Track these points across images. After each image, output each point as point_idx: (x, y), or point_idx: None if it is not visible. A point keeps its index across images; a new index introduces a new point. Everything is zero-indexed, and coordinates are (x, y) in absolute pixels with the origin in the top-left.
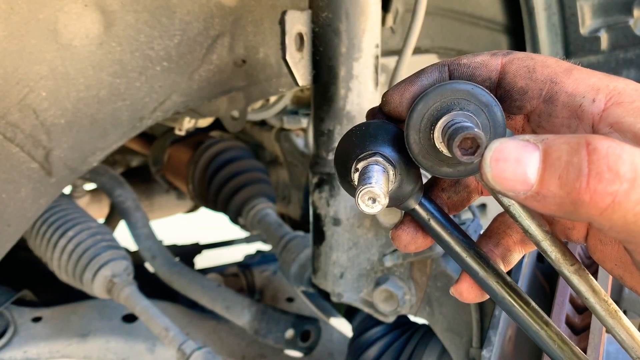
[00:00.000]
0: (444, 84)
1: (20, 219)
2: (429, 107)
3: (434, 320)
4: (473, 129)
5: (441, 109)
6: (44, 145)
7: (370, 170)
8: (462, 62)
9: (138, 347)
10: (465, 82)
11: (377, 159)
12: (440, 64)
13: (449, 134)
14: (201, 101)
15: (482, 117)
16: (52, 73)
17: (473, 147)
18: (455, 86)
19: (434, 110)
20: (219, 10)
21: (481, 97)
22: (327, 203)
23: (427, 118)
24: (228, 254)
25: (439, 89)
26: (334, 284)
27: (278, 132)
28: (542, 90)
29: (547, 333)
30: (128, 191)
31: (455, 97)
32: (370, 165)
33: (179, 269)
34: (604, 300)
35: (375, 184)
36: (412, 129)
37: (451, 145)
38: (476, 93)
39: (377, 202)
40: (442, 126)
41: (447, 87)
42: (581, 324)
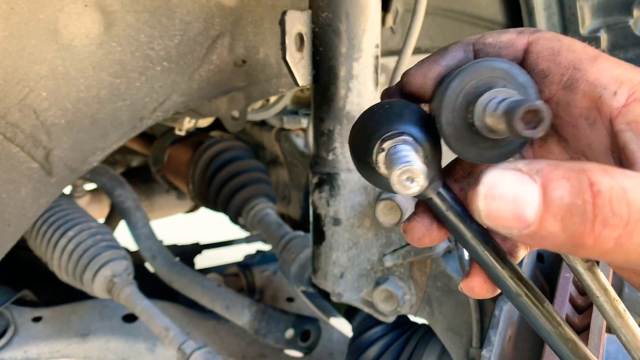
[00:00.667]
0: (480, 61)
1: (21, 219)
2: (464, 85)
3: (433, 320)
4: (534, 102)
5: (478, 87)
6: (44, 145)
7: (401, 150)
8: (487, 42)
9: (138, 347)
10: (502, 60)
11: (406, 138)
12: (465, 43)
13: (506, 108)
14: (201, 101)
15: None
16: (52, 73)
17: (534, 120)
18: (493, 64)
19: (471, 88)
20: (219, 10)
21: (518, 77)
22: (327, 203)
23: (462, 96)
24: (228, 254)
25: (475, 65)
26: (334, 284)
27: (278, 132)
28: (563, 76)
29: (559, 333)
30: (128, 191)
31: (492, 75)
32: (399, 144)
33: (179, 269)
34: (614, 300)
35: (414, 162)
36: (446, 108)
37: (511, 119)
38: (514, 73)
39: (416, 183)
40: (486, 102)
41: (484, 65)
42: (581, 324)
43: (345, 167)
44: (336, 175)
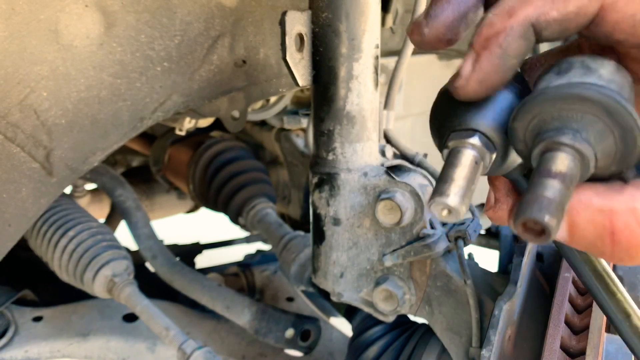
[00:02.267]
0: (571, 86)
1: (21, 219)
2: (542, 111)
3: (433, 319)
4: (539, 214)
5: (557, 118)
6: (44, 146)
7: (457, 161)
8: (551, 19)
9: (138, 347)
10: (598, 88)
11: (474, 142)
12: (524, 24)
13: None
14: (202, 101)
15: (609, 141)
16: (53, 73)
17: (535, 230)
18: (585, 94)
19: (548, 116)
20: (219, 10)
21: (617, 116)
22: (327, 203)
23: (537, 120)
24: (228, 253)
25: (564, 91)
26: (333, 284)
27: (278, 132)
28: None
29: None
30: (129, 191)
31: (581, 107)
32: (461, 150)
33: (179, 269)
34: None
35: (452, 190)
36: (519, 127)
37: (516, 221)
38: (612, 110)
39: (453, 215)
40: (537, 156)
41: (574, 93)
42: (580, 324)
43: (345, 167)
44: (336, 175)
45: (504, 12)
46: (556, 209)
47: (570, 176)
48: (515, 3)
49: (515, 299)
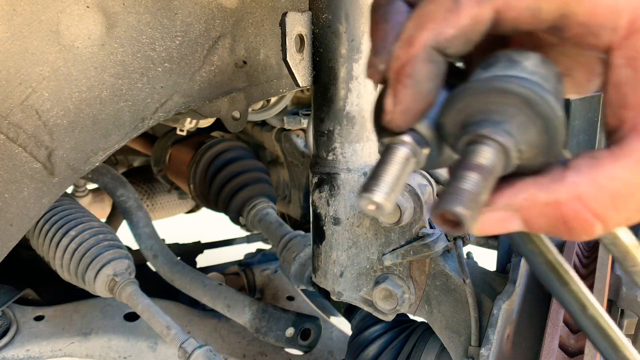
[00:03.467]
0: (492, 80)
1: (23, 219)
2: (468, 105)
3: (432, 318)
4: (453, 206)
5: (481, 111)
6: (46, 146)
7: (388, 158)
8: (450, 36)
9: (140, 346)
10: (519, 80)
11: (405, 138)
12: (425, 50)
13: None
14: (202, 102)
15: (532, 132)
16: (54, 74)
17: (452, 221)
18: (505, 86)
19: (473, 110)
20: (219, 11)
21: (537, 107)
22: (327, 203)
23: (464, 114)
24: (229, 253)
25: (485, 85)
26: (333, 283)
27: (278, 133)
28: (548, 27)
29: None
30: (130, 191)
31: (502, 100)
32: (393, 146)
33: (180, 268)
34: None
35: (378, 187)
36: (447, 122)
37: (434, 213)
38: (532, 101)
39: (379, 210)
40: (461, 150)
41: (495, 86)
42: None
43: (345, 167)
44: (336, 175)
45: (405, 42)
46: (471, 200)
47: (489, 168)
48: (413, 31)
49: (514, 298)
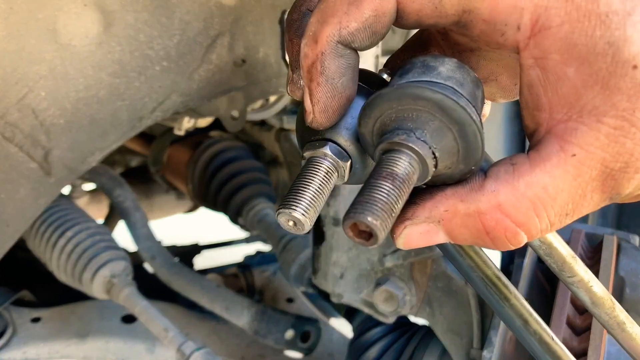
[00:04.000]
0: (405, 87)
1: (19, 219)
2: (382, 113)
3: (434, 320)
4: (364, 217)
5: (395, 119)
6: (43, 145)
7: (308, 172)
8: (353, 29)
9: (137, 348)
10: (432, 85)
11: (326, 151)
12: (330, 45)
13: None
14: (201, 101)
15: (448, 137)
16: (51, 73)
17: (365, 234)
18: (417, 92)
19: (388, 118)
20: (218, 9)
21: (451, 112)
22: (327, 203)
23: (379, 123)
24: (228, 254)
25: (397, 92)
26: (334, 285)
27: (278, 132)
28: (454, 22)
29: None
30: (127, 191)
31: (415, 106)
32: (314, 160)
33: (178, 270)
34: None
35: (298, 203)
36: (365, 132)
37: (345, 225)
38: (445, 106)
39: (298, 227)
40: (377, 159)
41: (407, 92)
42: (582, 325)
43: None
44: None
45: (311, 39)
46: (382, 209)
47: (402, 176)
48: (317, 27)
49: None
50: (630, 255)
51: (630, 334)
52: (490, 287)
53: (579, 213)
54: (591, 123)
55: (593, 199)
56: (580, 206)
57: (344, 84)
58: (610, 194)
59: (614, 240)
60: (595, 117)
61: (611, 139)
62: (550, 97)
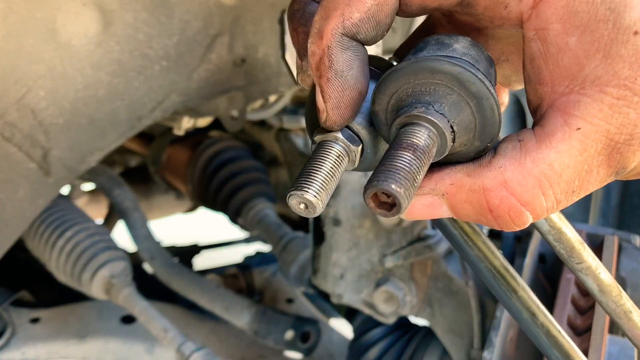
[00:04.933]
0: (422, 60)
1: (18, 219)
2: (398, 88)
3: (434, 321)
4: (389, 184)
5: (412, 93)
6: (42, 145)
7: (319, 155)
8: (357, 20)
9: (137, 348)
10: (449, 59)
11: (337, 135)
12: (335, 39)
13: (383, 166)
14: (200, 101)
15: (466, 112)
16: (50, 72)
17: (387, 204)
18: (435, 65)
19: (404, 93)
20: (218, 9)
21: (469, 85)
22: (327, 204)
23: (395, 99)
24: (227, 254)
25: (414, 65)
26: (334, 285)
27: (278, 132)
28: (457, 1)
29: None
30: (126, 191)
31: (433, 80)
32: (325, 144)
33: (177, 270)
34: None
35: (309, 185)
36: (379, 110)
37: (366, 195)
38: (464, 79)
39: (310, 210)
40: (394, 134)
41: (424, 65)
42: (583, 325)
43: None
44: None
45: (316, 36)
46: (406, 179)
47: (423, 148)
48: (321, 23)
49: None
50: (631, 256)
51: (636, 322)
52: (498, 278)
53: (586, 190)
54: (594, 94)
55: (599, 174)
56: (586, 182)
57: (354, 77)
58: (616, 168)
59: (614, 240)
60: (597, 87)
61: (614, 109)
62: (552, 70)
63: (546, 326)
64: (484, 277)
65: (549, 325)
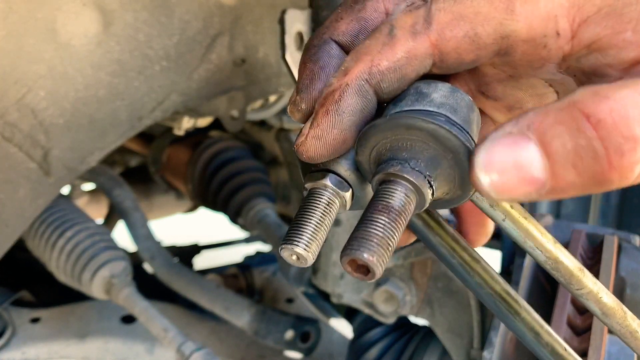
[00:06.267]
0: (396, 118)
1: (19, 219)
2: (377, 142)
3: (434, 321)
4: (361, 253)
5: (390, 149)
6: (42, 145)
7: (309, 204)
8: (384, 69)
9: (137, 348)
10: (424, 114)
11: (326, 182)
12: (357, 80)
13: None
14: (200, 101)
15: (444, 165)
16: (50, 72)
17: (364, 266)
18: (409, 122)
19: (382, 147)
20: (218, 9)
21: (445, 141)
22: None
23: (375, 152)
24: (227, 254)
25: (390, 122)
26: (334, 285)
27: (278, 132)
28: (494, 52)
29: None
30: (127, 191)
31: (409, 136)
32: (315, 191)
33: (178, 270)
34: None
35: (300, 237)
36: (363, 160)
37: (343, 260)
38: (438, 135)
39: (301, 261)
40: (375, 186)
41: (399, 123)
42: (582, 325)
43: None
44: None
45: (341, 72)
46: (377, 244)
47: (398, 209)
48: (349, 63)
49: None
50: (631, 256)
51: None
52: (500, 302)
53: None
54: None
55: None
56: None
57: (349, 122)
58: None
59: (614, 240)
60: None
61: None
62: (618, 65)
63: (551, 344)
64: (486, 302)
65: (554, 343)
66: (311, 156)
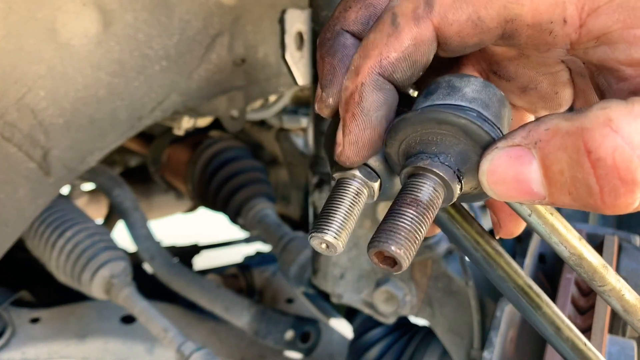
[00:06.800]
0: (428, 111)
1: (18, 219)
2: (407, 136)
3: (434, 321)
4: (389, 245)
5: (420, 142)
6: (42, 145)
7: (338, 194)
8: (394, 60)
9: (137, 348)
10: (456, 109)
11: (355, 173)
12: (371, 77)
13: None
14: (200, 101)
15: (473, 160)
16: (50, 72)
17: (389, 261)
18: (441, 117)
19: (412, 140)
20: (218, 9)
21: (475, 136)
22: None
23: (405, 145)
24: (227, 254)
25: (421, 116)
26: (334, 285)
27: (278, 132)
28: (498, 35)
29: (564, 337)
30: (126, 191)
31: (439, 130)
32: (343, 181)
33: (177, 270)
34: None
35: (329, 226)
36: (392, 152)
37: (370, 252)
38: (469, 131)
39: (331, 249)
40: (403, 183)
41: (430, 117)
42: (583, 325)
43: None
44: None
45: (352, 72)
46: (405, 237)
47: (426, 203)
48: (358, 61)
49: None
50: (631, 256)
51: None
52: (522, 296)
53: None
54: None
55: None
56: None
57: (378, 118)
58: None
59: (614, 240)
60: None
61: None
62: (631, 61)
63: (571, 339)
64: (508, 296)
65: (574, 338)
66: (354, 161)
